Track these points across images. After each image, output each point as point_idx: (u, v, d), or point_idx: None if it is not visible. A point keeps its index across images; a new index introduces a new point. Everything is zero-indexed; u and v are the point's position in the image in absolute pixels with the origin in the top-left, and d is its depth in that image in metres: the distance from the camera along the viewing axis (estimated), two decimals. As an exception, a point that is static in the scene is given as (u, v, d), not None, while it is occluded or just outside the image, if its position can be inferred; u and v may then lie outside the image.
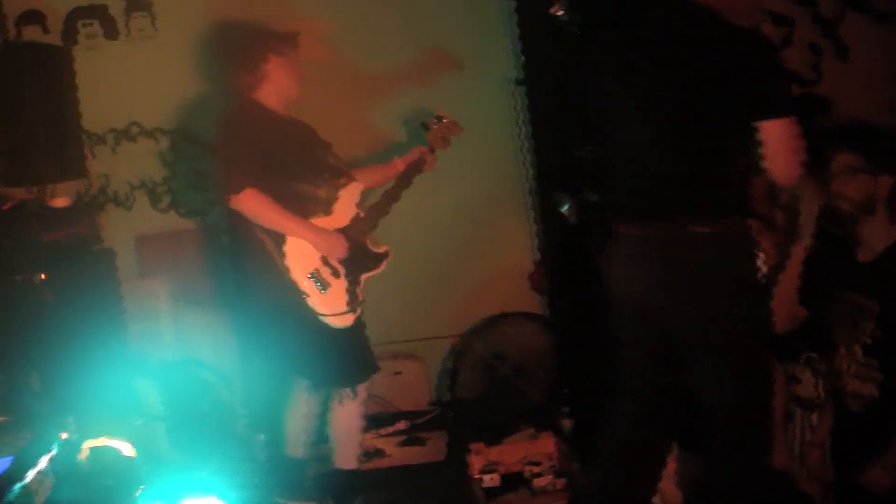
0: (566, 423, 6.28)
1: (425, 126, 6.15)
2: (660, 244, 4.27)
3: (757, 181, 4.95)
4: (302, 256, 5.34)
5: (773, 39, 6.38)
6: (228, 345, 6.75)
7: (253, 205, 5.25)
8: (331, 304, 5.38)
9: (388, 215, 5.90)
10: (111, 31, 7.10)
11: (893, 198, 4.71)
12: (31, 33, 7.00)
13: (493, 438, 6.18)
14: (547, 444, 6.06)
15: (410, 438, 6.69)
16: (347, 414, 5.61)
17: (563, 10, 6.10)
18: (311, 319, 5.35)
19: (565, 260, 6.30)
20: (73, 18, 7.06)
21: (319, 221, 5.48)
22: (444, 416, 6.99)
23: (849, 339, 4.77)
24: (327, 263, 5.42)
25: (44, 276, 5.44)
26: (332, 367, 5.50)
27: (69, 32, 7.05)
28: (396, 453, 6.56)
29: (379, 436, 6.66)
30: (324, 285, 5.35)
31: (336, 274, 5.44)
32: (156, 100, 7.07)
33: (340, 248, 5.45)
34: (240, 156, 5.29)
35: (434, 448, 6.58)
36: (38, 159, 5.81)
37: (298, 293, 5.30)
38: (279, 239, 5.34)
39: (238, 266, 5.54)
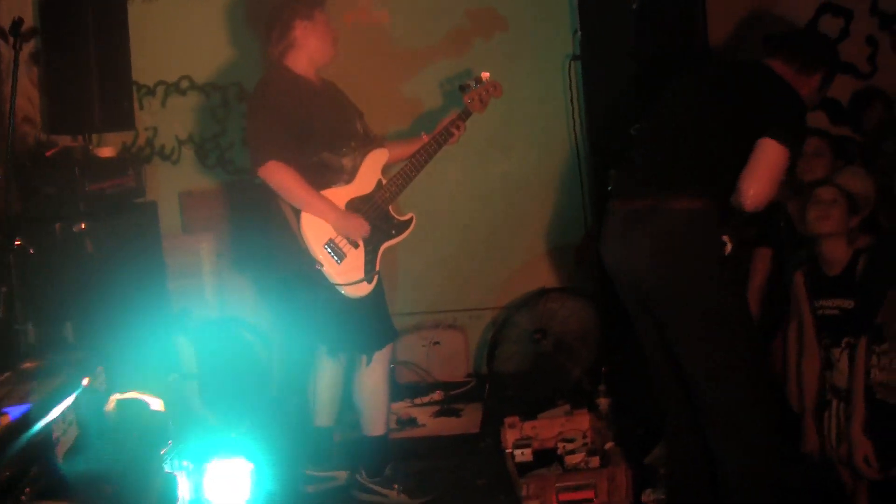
0: (603, 402, 6.22)
1: (463, 88, 5.97)
2: (639, 216, 4.56)
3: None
4: (318, 226, 5.32)
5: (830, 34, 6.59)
6: (268, 305, 6.73)
7: (277, 178, 5.25)
8: (346, 274, 5.35)
9: (436, 185, 5.84)
10: (169, -18, 7.06)
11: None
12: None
13: (529, 413, 6.12)
14: (582, 422, 5.99)
15: (445, 409, 6.66)
16: (370, 380, 5.58)
17: (623, -14, 6.06)
18: (328, 287, 5.33)
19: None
20: (129, -31, 7.02)
21: (341, 190, 5.43)
22: (481, 389, 6.94)
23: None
24: None
25: (83, 226, 5.41)
26: (348, 333, 5.48)
27: (124, -17, 7.01)
28: (431, 423, 6.52)
29: (413, 405, 6.63)
30: (340, 255, 5.32)
31: (353, 244, 5.40)
32: (209, 55, 7.07)
33: (360, 230, 5.40)
34: (267, 126, 5.28)
35: (469, 420, 6.54)
36: (85, 107, 5.79)
37: (314, 263, 5.27)
38: (297, 208, 5.32)
39: (265, 231, 5.52)
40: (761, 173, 4.42)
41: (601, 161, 6.48)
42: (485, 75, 5.94)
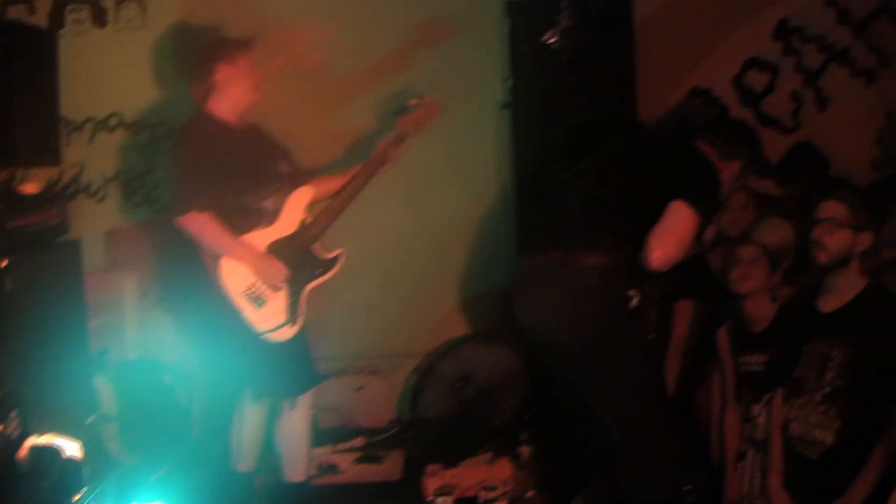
0: (525, 450, 6.23)
1: (397, 112, 5.94)
2: (547, 272, 4.68)
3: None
4: (237, 273, 5.32)
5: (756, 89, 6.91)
6: (191, 347, 6.66)
7: (196, 228, 5.27)
8: (268, 320, 5.35)
9: (362, 229, 5.82)
10: (99, 18, 7.01)
11: (868, 254, 4.75)
12: (18, 14, 6.88)
13: (451, 461, 6.12)
14: (504, 470, 6.01)
15: (367, 455, 6.61)
16: (293, 425, 5.58)
17: (555, 37, 6.09)
18: (250, 331, 5.29)
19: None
20: (62, 2, 6.97)
21: (263, 232, 5.42)
22: (404, 435, 6.90)
23: (813, 386, 4.80)
24: None
25: (4, 264, 5.33)
26: (272, 378, 5.48)
27: (56, 16, 6.95)
28: (352, 470, 6.48)
29: (335, 451, 6.58)
30: (259, 302, 5.31)
31: (275, 287, 5.36)
32: (139, 92, 6.99)
33: (278, 275, 5.37)
34: (186, 174, 5.28)
35: (390, 467, 6.50)
36: (10, 142, 5.70)
37: (234, 310, 5.24)
38: (216, 255, 5.33)
39: (189, 273, 5.50)
40: (669, 235, 4.55)
41: (528, 208, 6.51)
42: (421, 98, 5.90)
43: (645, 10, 6.68)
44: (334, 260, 5.63)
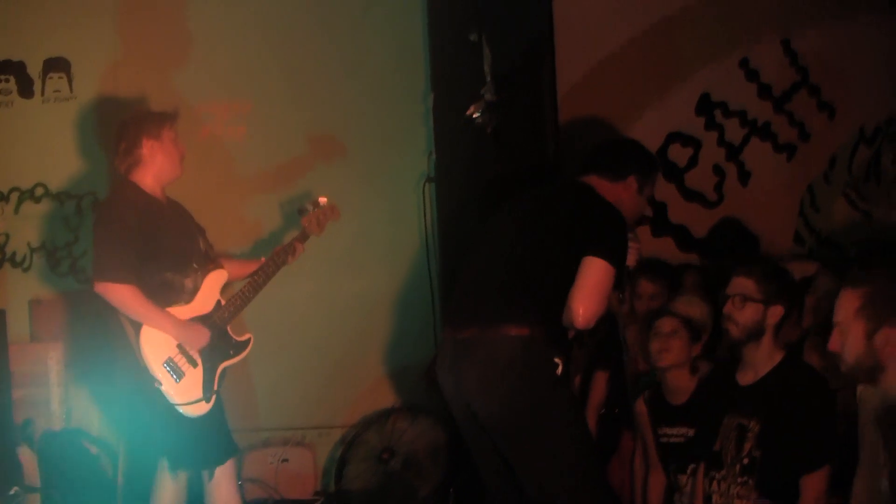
0: (449, 522, 6.22)
1: (301, 211, 6.03)
2: (467, 345, 4.64)
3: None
4: (157, 344, 5.27)
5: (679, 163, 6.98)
6: (114, 418, 6.61)
7: (117, 295, 5.20)
8: (185, 393, 5.29)
9: (288, 301, 5.83)
10: (26, 89, 7.05)
11: (780, 327, 4.79)
12: (-57, 83, 6.92)
13: (374, 533, 6.11)
14: (429, 541, 5.99)
15: (291, 528, 6.58)
16: (219, 496, 5.50)
17: (479, 112, 6.15)
18: (166, 404, 5.26)
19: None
20: (-13, 73, 6.99)
21: (181, 309, 5.39)
22: (329, 508, 6.87)
23: (732, 458, 4.80)
24: (183, 352, 5.32)
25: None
26: (188, 449, 5.40)
27: (-19, 86, 6.97)
28: (276, 541, 6.45)
29: (259, 523, 6.56)
30: (178, 374, 5.27)
31: (192, 362, 5.35)
32: (65, 163, 7.01)
33: (200, 339, 5.37)
34: (110, 243, 5.23)
35: (315, 538, 6.47)
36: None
37: (153, 380, 5.22)
38: (137, 325, 5.26)
39: (109, 344, 5.46)
40: (588, 292, 4.55)
41: (453, 281, 6.52)
42: (322, 199, 6.01)
43: (568, 81, 6.76)
44: (246, 343, 5.63)
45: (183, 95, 6.74)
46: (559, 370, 4.66)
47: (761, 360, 4.82)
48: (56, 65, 7.05)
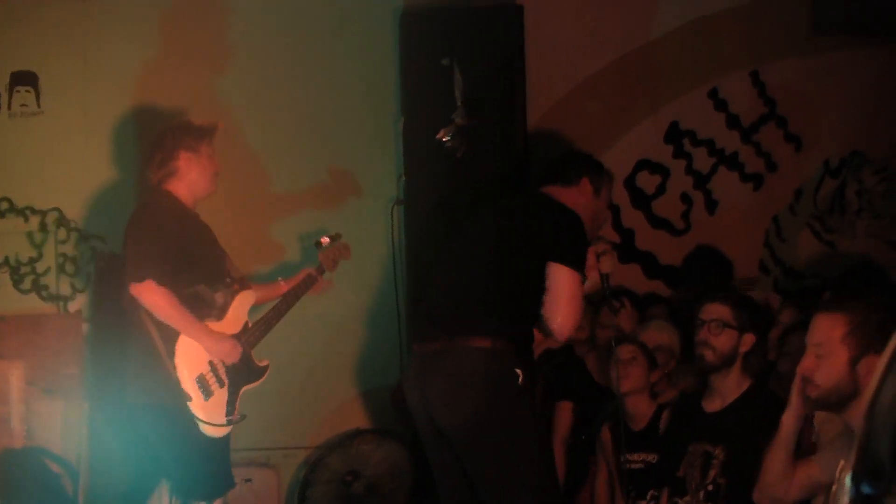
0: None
1: (318, 244, 6.07)
2: (433, 358, 4.72)
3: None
4: (192, 358, 5.15)
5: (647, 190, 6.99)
6: (79, 436, 6.56)
7: (154, 297, 5.06)
8: (211, 413, 5.21)
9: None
10: (-8, 103, 6.98)
11: (751, 355, 4.84)
12: None
13: (338, 556, 6.07)
14: (391, 567, 5.97)
15: (252, 550, 6.53)
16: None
17: (449, 136, 6.17)
18: (186, 424, 5.16)
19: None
20: (-47, 87, 6.93)
21: (211, 325, 5.31)
22: (291, 530, 6.83)
23: (696, 485, 4.82)
24: (214, 370, 5.23)
25: None
26: (197, 476, 5.28)
27: (-53, 101, 6.91)
28: (237, 564, 6.38)
29: (220, 544, 6.49)
30: (208, 392, 5.17)
31: (220, 382, 5.25)
32: (31, 177, 6.93)
33: (234, 354, 5.28)
34: (147, 247, 5.14)
35: (277, 561, 6.43)
36: None
37: (183, 396, 5.13)
38: (171, 337, 5.13)
39: (122, 359, 5.34)
40: (562, 303, 4.64)
41: (419, 300, 6.53)
42: (338, 235, 6.14)
43: (539, 108, 6.80)
44: (264, 369, 5.60)
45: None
46: (520, 380, 4.68)
47: (729, 388, 4.88)
48: (23, 78, 6.99)
